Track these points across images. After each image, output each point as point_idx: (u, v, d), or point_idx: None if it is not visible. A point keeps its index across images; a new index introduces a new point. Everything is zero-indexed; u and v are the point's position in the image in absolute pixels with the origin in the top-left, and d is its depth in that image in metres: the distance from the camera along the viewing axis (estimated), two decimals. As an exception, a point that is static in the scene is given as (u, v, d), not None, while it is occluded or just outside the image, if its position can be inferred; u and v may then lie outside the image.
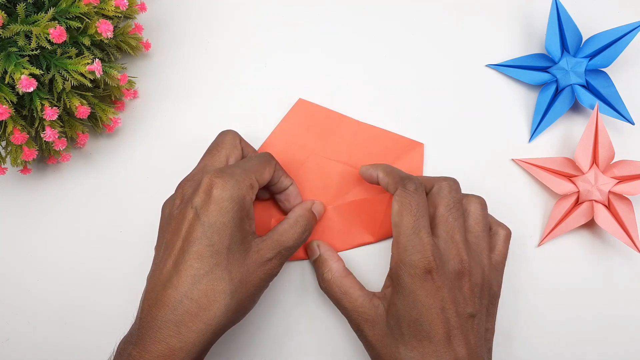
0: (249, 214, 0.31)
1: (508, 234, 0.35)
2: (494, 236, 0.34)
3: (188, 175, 0.33)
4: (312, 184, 0.39)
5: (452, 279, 0.30)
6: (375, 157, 0.39)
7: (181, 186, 0.33)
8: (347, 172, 0.39)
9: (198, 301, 0.28)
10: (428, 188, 0.33)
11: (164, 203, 0.34)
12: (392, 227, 0.32)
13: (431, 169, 0.40)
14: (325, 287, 0.35)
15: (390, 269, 0.32)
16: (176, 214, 0.31)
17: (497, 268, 0.33)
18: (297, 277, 0.38)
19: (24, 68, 0.32)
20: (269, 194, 0.38)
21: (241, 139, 0.35)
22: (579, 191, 0.38)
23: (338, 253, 0.37)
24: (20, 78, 0.32)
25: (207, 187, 0.30)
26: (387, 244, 0.39)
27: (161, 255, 0.31)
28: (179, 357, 0.27)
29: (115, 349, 0.30)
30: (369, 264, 0.38)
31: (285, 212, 0.37)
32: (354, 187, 0.39)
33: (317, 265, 0.36)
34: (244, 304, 0.30)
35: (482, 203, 0.34)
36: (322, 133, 0.40)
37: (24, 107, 0.35)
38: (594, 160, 0.38)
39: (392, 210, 0.32)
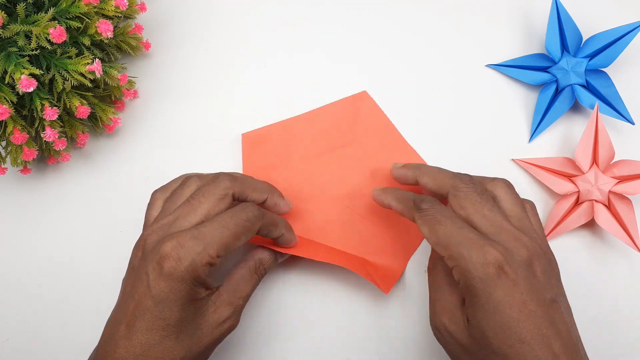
0: (204, 283, 0.29)
1: (533, 206, 0.33)
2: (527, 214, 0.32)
3: (159, 215, 0.32)
4: (327, 173, 0.39)
5: (524, 267, 0.28)
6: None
7: (143, 237, 0.30)
8: (365, 179, 0.39)
9: None
10: (443, 194, 0.32)
11: (137, 241, 0.32)
12: (434, 247, 0.30)
13: (431, 169, 0.40)
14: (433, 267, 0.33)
15: (459, 283, 0.29)
16: (136, 268, 0.30)
17: (546, 241, 0.31)
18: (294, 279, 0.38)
19: (24, 68, 0.32)
20: None
21: (236, 183, 0.32)
22: (579, 191, 0.38)
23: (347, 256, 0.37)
24: (20, 78, 0.32)
25: (160, 258, 0.28)
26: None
27: (118, 307, 0.30)
28: None
29: None
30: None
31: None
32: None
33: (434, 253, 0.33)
34: None
35: (508, 184, 0.32)
36: (366, 132, 0.40)
37: (24, 107, 0.35)
38: (594, 160, 0.38)
39: (424, 235, 0.30)
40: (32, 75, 0.32)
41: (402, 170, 0.36)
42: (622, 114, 0.39)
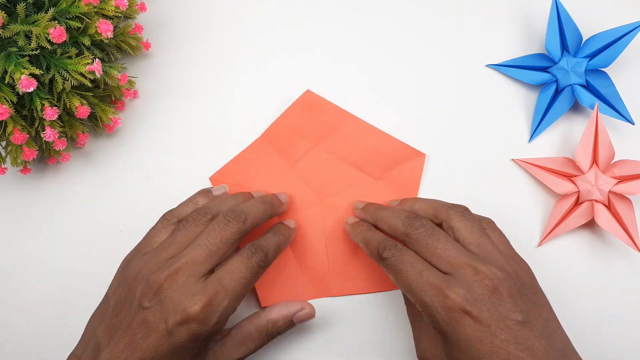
0: (221, 329, 0.31)
1: (491, 223, 0.33)
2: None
3: (170, 247, 0.31)
4: (311, 176, 0.39)
5: (488, 298, 0.28)
6: (376, 160, 0.39)
7: (157, 282, 0.29)
8: (345, 170, 0.39)
9: None
10: (400, 239, 0.33)
11: (128, 264, 0.32)
12: (403, 292, 0.32)
13: (431, 169, 0.40)
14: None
15: (430, 325, 0.30)
16: (146, 312, 0.29)
17: (513, 257, 0.32)
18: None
19: (24, 68, 0.32)
20: None
21: (247, 223, 0.32)
22: (579, 191, 0.38)
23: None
24: (20, 78, 0.32)
25: (188, 317, 0.28)
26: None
27: (119, 347, 0.29)
28: None
29: None
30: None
31: None
32: (349, 187, 0.39)
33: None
34: None
35: (463, 211, 0.33)
36: (327, 128, 0.40)
37: (24, 107, 0.35)
38: (594, 160, 0.38)
39: (392, 279, 0.31)
40: (32, 75, 0.32)
41: (362, 214, 0.37)
42: (622, 114, 0.39)
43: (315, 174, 0.39)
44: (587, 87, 0.40)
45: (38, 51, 0.33)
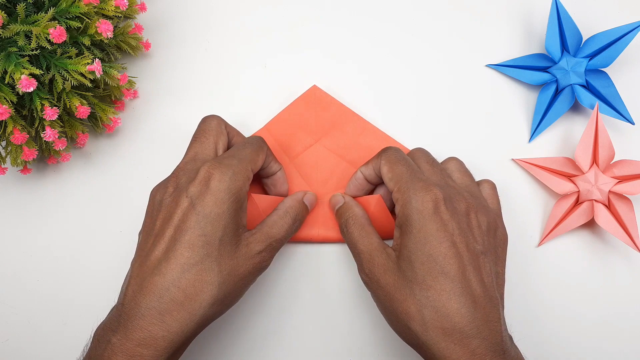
0: (242, 206, 0.31)
1: (492, 184, 0.36)
2: (482, 188, 0.35)
3: (180, 164, 0.33)
4: (310, 172, 0.39)
5: (460, 214, 0.31)
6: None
7: (175, 175, 0.32)
8: (345, 169, 0.39)
9: (185, 290, 0.28)
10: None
11: (154, 189, 0.33)
12: (388, 184, 0.33)
13: (431, 169, 0.40)
14: (346, 231, 0.35)
15: (398, 216, 0.32)
16: (168, 202, 0.31)
17: (498, 214, 0.34)
18: (291, 268, 0.38)
19: (24, 68, 0.32)
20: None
21: (226, 124, 0.35)
22: (579, 191, 0.38)
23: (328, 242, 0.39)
24: (20, 78, 0.32)
25: (204, 177, 0.30)
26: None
27: (150, 241, 0.30)
28: (161, 347, 0.27)
29: (92, 335, 0.29)
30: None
31: (270, 194, 0.38)
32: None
33: (341, 212, 0.36)
34: (230, 296, 0.30)
35: (458, 160, 0.35)
36: (330, 124, 0.40)
37: (24, 107, 0.35)
38: (594, 160, 0.38)
39: (382, 174, 0.33)
40: (32, 75, 0.32)
41: (350, 182, 0.38)
42: (622, 114, 0.39)
43: (314, 170, 0.39)
44: (587, 87, 0.40)
45: (38, 51, 0.33)
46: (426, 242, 0.29)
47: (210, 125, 0.34)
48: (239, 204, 0.31)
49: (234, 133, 0.36)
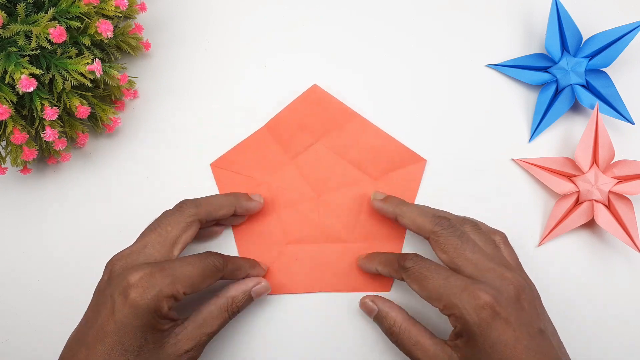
0: (167, 315, 0.30)
1: (504, 236, 0.34)
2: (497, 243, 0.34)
3: (125, 250, 0.32)
4: (310, 171, 0.39)
5: (513, 303, 0.29)
6: (376, 161, 0.39)
7: (111, 262, 0.32)
8: (344, 168, 0.39)
9: None
10: (423, 236, 0.33)
11: (106, 265, 0.33)
12: (429, 302, 0.31)
13: (431, 169, 0.40)
14: (395, 340, 0.33)
15: (455, 328, 0.30)
16: (100, 294, 0.31)
17: (523, 270, 0.33)
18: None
19: (24, 68, 0.32)
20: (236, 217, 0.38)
21: (205, 211, 0.34)
22: (579, 191, 0.38)
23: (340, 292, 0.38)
24: (20, 78, 0.32)
25: (126, 286, 0.29)
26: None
27: (80, 329, 0.31)
28: None
29: None
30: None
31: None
32: (347, 185, 0.39)
33: (380, 321, 0.34)
34: None
35: (475, 224, 0.34)
36: (330, 124, 0.40)
37: (24, 107, 0.35)
38: (594, 160, 0.38)
39: (415, 291, 0.32)
40: (32, 75, 0.32)
41: (382, 205, 0.36)
42: (622, 114, 0.39)
43: (314, 169, 0.39)
44: (587, 87, 0.40)
45: (38, 51, 0.33)
46: (494, 351, 0.28)
47: (177, 218, 0.33)
48: (160, 317, 0.29)
49: (215, 211, 0.35)
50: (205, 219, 0.34)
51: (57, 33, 0.32)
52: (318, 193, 0.39)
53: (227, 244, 0.39)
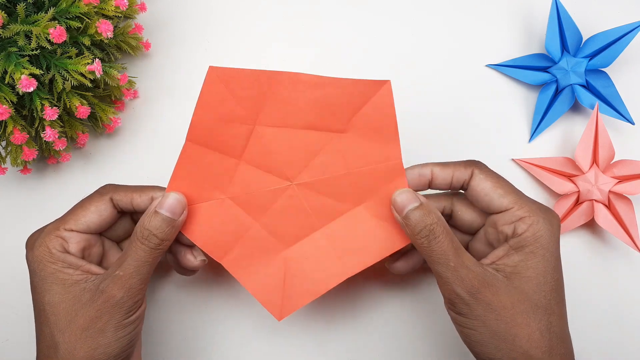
0: (72, 263, 0.30)
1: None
2: None
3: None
4: (266, 160, 0.32)
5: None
6: (332, 112, 0.32)
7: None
8: (302, 138, 0.32)
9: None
10: (464, 177, 0.31)
11: None
12: (499, 200, 0.30)
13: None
14: (433, 239, 0.29)
15: (522, 233, 0.29)
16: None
17: None
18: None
19: (24, 68, 0.32)
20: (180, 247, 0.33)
21: (118, 192, 0.32)
22: (579, 191, 0.38)
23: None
24: (20, 78, 0.32)
25: (26, 247, 0.31)
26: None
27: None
28: None
29: None
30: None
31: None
32: (316, 155, 0.32)
33: (419, 217, 0.29)
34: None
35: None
36: (256, 99, 0.31)
37: (24, 107, 0.35)
38: (594, 160, 0.38)
39: (483, 189, 0.30)
40: (32, 75, 0.32)
41: (414, 172, 0.32)
42: (622, 114, 0.39)
43: (270, 156, 0.32)
44: (587, 87, 0.40)
45: (38, 51, 0.33)
46: (556, 268, 0.29)
47: (91, 197, 0.32)
48: (59, 263, 0.29)
49: (134, 197, 0.32)
50: (119, 199, 0.32)
51: (57, 33, 0.32)
52: (289, 178, 0.33)
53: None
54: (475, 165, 0.31)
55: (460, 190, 0.32)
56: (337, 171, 0.32)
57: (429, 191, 0.34)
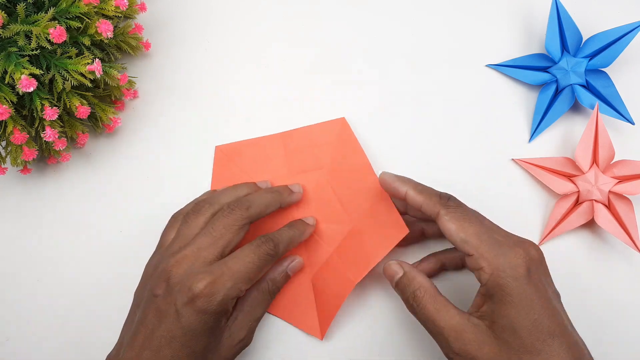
0: (229, 312, 0.32)
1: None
2: None
3: (179, 254, 0.31)
4: (291, 211, 0.38)
5: (538, 266, 0.30)
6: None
7: (168, 269, 0.31)
8: (330, 204, 0.38)
9: None
10: (432, 213, 0.32)
11: (147, 265, 0.34)
12: (460, 245, 0.30)
13: (432, 170, 0.40)
14: (417, 306, 0.31)
15: (485, 283, 0.29)
16: (159, 300, 0.30)
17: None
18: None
19: (24, 68, 0.32)
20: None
21: (251, 211, 0.33)
22: (579, 191, 0.38)
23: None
24: (20, 78, 0.32)
25: (193, 296, 0.29)
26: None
27: (140, 337, 0.30)
28: None
29: None
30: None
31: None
32: (328, 222, 0.38)
33: (404, 285, 0.32)
34: None
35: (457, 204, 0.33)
36: (340, 160, 0.39)
37: (24, 107, 0.35)
38: (594, 160, 0.38)
39: (448, 231, 0.30)
40: (32, 75, 0.32)
41: (393, 178, 0.34)
42: (622, 114, 0.39)
43: (307, 192, 0.39)
44: (587, 87, 0.40)
45: (38, 51, 0.33)
46: (530, 309, 0.28)
47: (232, 222, 0.32)
48: (223, 317, 0.31)
49: (263, 211, 0.34)
50: (255, 219, 0.34)
51: (57, 33, 0.32)
52: (293, 215, 0.38)
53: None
54: (443, 204, 0.31)
55: None
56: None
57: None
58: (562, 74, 0.40)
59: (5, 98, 0.32)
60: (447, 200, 0.31)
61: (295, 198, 0.37)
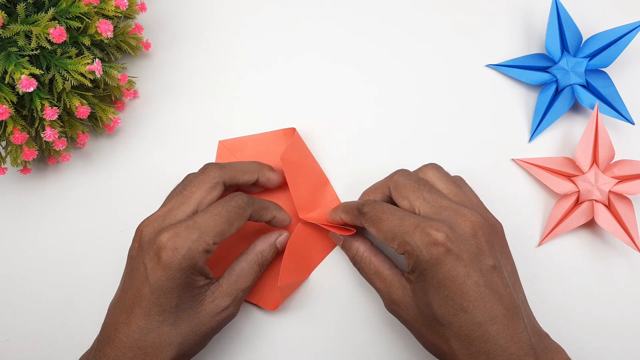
0: (202, 271, 0.31)
1: (462, 180, 0.36)
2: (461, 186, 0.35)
3: (155, 213, 0.32)
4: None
5: (468, 240, 0.29)
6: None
7: (139, 229, 0.32)
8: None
9: (146, 350, 0.29)
10: (387, 193, 0.34)
11: (134, 233, 0.34)
12: (385, 242, 0.31)
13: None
14: (358, 267, 0.35)
15: (408, 264, 0.30)
16: (132, 261, 0.31)
17: (485, 208, 0.34)
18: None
19: (24, 68, 0.32)
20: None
21: (228, 174, 0.34)
22: (579, 191, 0.38)
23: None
24: (20, 78, 0.32)
25: (157, 249, 0.29)
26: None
27: (118, 296, 0.31)
28: None
29: None
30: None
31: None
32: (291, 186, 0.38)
33: (345, 250, 0.36)
34: (193, 350, 0.32)
35: (436, 166, 0.34)
36: (262, 157, 0.39)
37: (24, 107, 0.35)
38: (594, 160, 0.38)
39: (373, 234, 0.32)
40: (32, 75, 0.32)
41: (329, 212, 0.37)
42: (622, 114, 0.39)
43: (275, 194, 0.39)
44: (587, 87, 0.40)
45: (38, 51, 0.33)
46: (441, 286, 0.28)
47: (201, 178, 0.33)
48: (195, 274, 0.30)
49: (239, 175, 0.35)
50: (229, 182, 0.34)
51: (57, 33, 0.32)
52: (296, 217, 0.38)
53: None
54: (361, 215, 0.33)
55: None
56: (302, 194, 0.38)
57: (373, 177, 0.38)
58: (562, 74, 0.40)
59: (5, 98, 0.32)
60: (362, 208, 0.32)
61: (274, 177, 0.37)
